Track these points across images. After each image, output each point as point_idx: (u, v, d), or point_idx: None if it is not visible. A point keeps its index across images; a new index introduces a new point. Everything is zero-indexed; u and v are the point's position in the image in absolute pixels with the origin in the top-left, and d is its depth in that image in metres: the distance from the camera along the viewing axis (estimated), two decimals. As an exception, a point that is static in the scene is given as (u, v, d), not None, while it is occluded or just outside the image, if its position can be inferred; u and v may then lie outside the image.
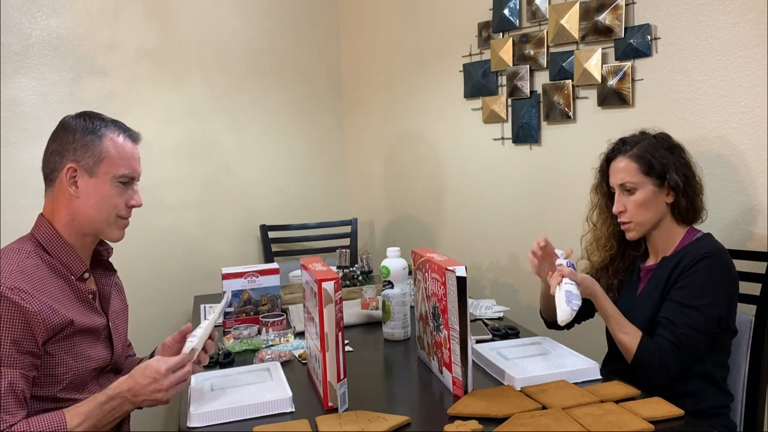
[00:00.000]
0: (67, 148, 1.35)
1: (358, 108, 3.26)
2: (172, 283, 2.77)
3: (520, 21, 2.40)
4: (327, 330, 1.30)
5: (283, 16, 3.08)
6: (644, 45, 1.97)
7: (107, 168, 1.36)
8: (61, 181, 1.35)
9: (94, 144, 1.35)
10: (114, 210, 1.38)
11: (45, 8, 2.48)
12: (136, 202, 1.42)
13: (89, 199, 1.35)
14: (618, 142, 1.65)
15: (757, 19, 1.71)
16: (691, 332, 1.46)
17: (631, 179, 1.57)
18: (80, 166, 1.34)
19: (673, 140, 1.62)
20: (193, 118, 2.85)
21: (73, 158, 1.34)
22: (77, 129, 1.36)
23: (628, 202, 1.59)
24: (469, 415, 1.24)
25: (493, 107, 2.53)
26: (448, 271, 1.35)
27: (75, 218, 1.36)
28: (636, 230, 1.61)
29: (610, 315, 1.53)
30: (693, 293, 1.49)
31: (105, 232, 1.40)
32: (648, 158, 1.56)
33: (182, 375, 1.26)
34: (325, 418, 1.27)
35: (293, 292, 2.30)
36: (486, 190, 2.65)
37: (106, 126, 1.38)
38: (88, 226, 1.37)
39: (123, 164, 1.38)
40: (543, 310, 1.79)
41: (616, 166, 1.61)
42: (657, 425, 1.19)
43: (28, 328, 1.22)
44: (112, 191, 1.37)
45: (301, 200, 3.18)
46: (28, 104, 2.47)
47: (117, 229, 1.41)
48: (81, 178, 1.35)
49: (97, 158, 1.35)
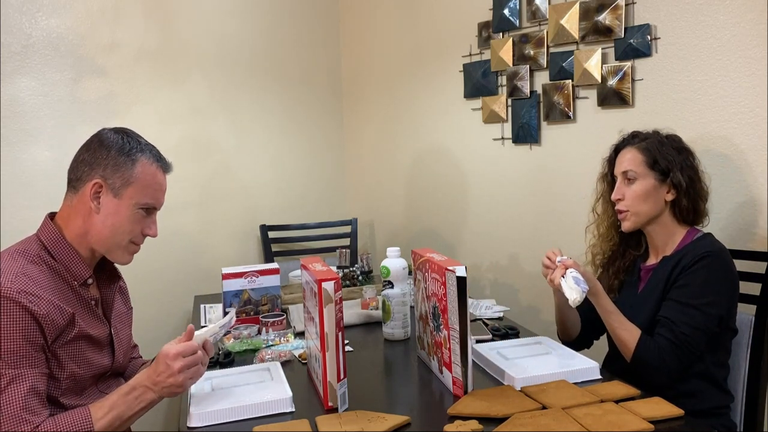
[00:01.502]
0: (99, 162, 1.34)
1: (358, 108, 3.26)
2: (172, 283, 2.77)
3: (520, 21, 2.40)
4: (327, 330, 1.30)
5: (283, 16, 3.08)
6: (644, 45, 1.97)
7: (133, 193, 1.35)
8: (84, 193, 1.34)
9: (126, 166, 1.35)
10: (129, 235, 1.38)
11: (45, 8, 2.48)
12: (152, 232, 1.42)
13: (108, 218, 1.35)
14: (629, 134, 1.67)
15: (757, 19, 1.71)
16: (691, 331, 1.46)
17: (634, 168, 1.59)
18: (107, 184, 1.34)
19: (684, 144, 1.63)
20: (193, 118, 2.85)
21: (102, 174, 1.34)
22: (113, 146, 1.35)
23: (627, 191, 1.60)
24: (469, 415, 1.24)
25: (493, 107, 2.53)
26: (448, 271, 1.35)
27: (89, 232, 1.35)
28: (630, 220, 1.61)
29: (610, 311, 1.54)
30: (693, 292, 1.49)
31: (114, 253, 1.40)
32: (654, 153, 1.58)
33: (193, 359, 1.26)
34: (325, 418, 1.27)
35: (293, 292, 2.29)
36: (486, 190, 2.65)
37: (141, 151, 1.38)
38: (99, 244, 1.37)
39: (149, 194, 1.38)
40: (560, 330, 1.78)
41: (623, 156, 1.63)
42: (657, 425, 1.18)
43: (39, 329, 1.22)
44: (132, 216, 1.36)
45: (301, 200, 3.18)
46: (28, 104, 2.47)
47: (127, 253, 1.41)
48: (105, 196, 1.34)
49: (125, 181, 1.34)
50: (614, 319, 1.53)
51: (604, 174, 1.73)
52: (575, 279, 1.47)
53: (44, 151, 2.52)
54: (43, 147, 2.52)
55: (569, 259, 1.53)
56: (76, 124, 2.56)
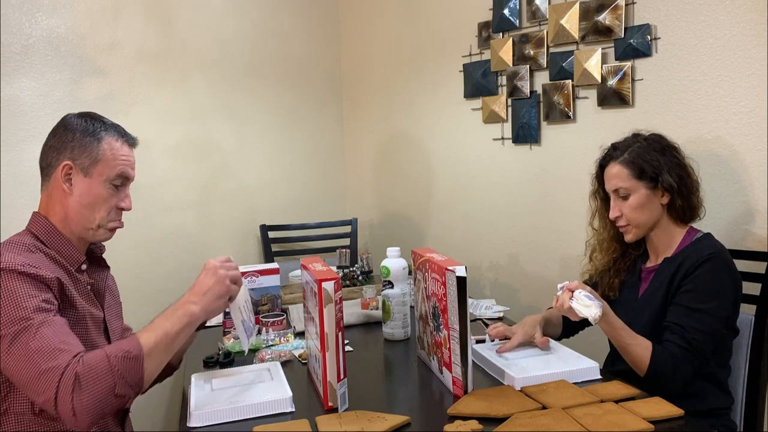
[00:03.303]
0: (66, 146, 1.38)
1: (357, 108, 3.26)
2: (172, 283, 2.76)
3: (520, 21, 2.40)
4: (327, 330, 1.30)
5: (283, 16, 3.08)
6: (644, 45, 1.98)
7: (102, 169, 1.38)
8: (56, 178, 1.37)
9: (92, 146, 1.38)
10: (105, 212, 1.40)
11: (45, 8, 2.48)
12: (126, 205, 1.44)
13: (82, 198, 1.38)
14: (609, 147, 1.65)
15: (757, 19, 1.71)
16: (702, 336, 1.45)
17: (623, 184, 1.58)
18: (76, 165, 1.37)
19: (666, 140, 1.61)
20: (193, 118, 2.84)
21: (70, 156, 1.37)
22: (77, 129, 1.39)
23: (623, 207, 1.60)
24: (469, 415, 1.24)
25: (493, 107, 2.53)
26: (448, 271, 1.35)
27: (68, 216, 1.38)
28: (634, 232, 1.61)
29: (619, 328, 1.48)
30: (700, 297, 1.48)
31: (95, 233, 1.41)
32: (639, 162, 1.56)
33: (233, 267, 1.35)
34: (325, 418, 1.27)
35: (293, 292, 2.30)
36: (486, 190, 2.65)
37: (105, 129, 1.41)
38: (80, 226, 1.39)
39: (118, 168, 1.41)
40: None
41: (609, 172, 1.62)
42: (657, 425, 1.18)
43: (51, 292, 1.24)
44: (104, 192, 1.39)
45: (301, 200, 3.18)
46: (28, 104, 2.46)
47: (107, 231, 1.43)
48: (75, 176, 1.37)
49: (93, 159, 1.38)
50: (625, 336, 1.47)
51: (595, 190, 1.72)
52: (587, 296, 1.44)
53: (44, 151, 2.52)
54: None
55: (571, 282, 1.50)
56: (76, 124, 2.56)
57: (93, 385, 1.10)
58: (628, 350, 1.48)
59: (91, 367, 1.12)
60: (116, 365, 1.13)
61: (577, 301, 1.44)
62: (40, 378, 1.11)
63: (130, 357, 1.16)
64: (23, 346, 1.14)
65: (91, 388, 1.10)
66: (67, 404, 1.08)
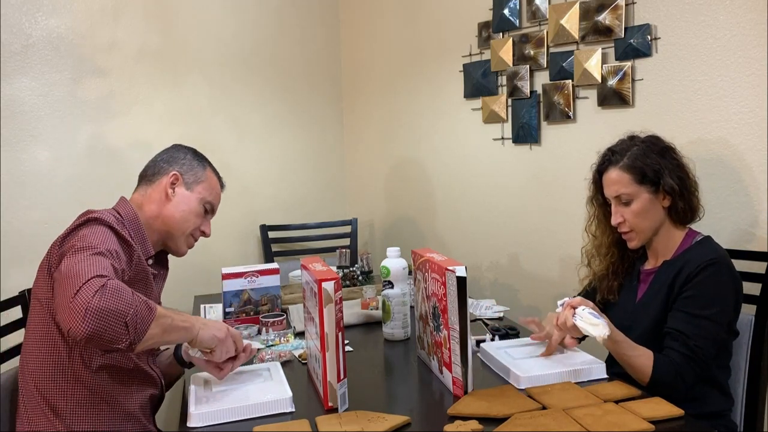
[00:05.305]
0: (177, 161, 1.61)
1: (358, 108, 3.26)
2: (172, 283, 2.75)
3: (520, 21, 2.40)
4: (327, 330, 1.30)
5: (283, 16, 3.08)
6: (644, 45, 1.97)
7: (202, 190, 1.61)
8: (161, 183, 1.57)
9: (198, 169, 1.63)
10: (192, 225, 1.60)
11: (45, 8, 2.48)
12: (207, 229, 1.66)
13: (180, 205, 1.57)
14: (607, 152, 1.62)
15: (757, 19, 1.71)
16: (704, 342, 1.44)
17: (625, 190, 1.55)
18: (182, 178, 1.59)
19: (663, 142, 1.60)
20: (193, 118, 2.84)
21: (179, 170, 1.59)
22: (188, 152, 1.64)
23: (626, 213, 1.57)
24: (469, 415, 1.24)
25: (493, 107, 2.53)
26: (448, 271, 1.35)
27: (161, 215, 1.55)
28: (638, 239, 1.60)
29: (620, 341, 1.45)
30: (702, 303, 1.46)
31: (177, 240, 1.59)
32: (640, 166, 1.54)
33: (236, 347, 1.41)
34: (325, 418, 1.27)
35: (293, 292, 2.30)
36: (486, 190, 2.65)
37: (210, 164, 1.67)
38: (168, 226, 1.55)
39: (213, 194, 1.65)
40: None
41: (609, 178, 1.59)
42: (657, 425, 1.18)
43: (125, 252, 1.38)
44: (198, 208, 1.60)
45: (302, 200, 3.18)
46: (28, 104, 2.46)
47: (185, 245, 1.62)
48: (179, 187, 1.58)
49: (197, 178, 1.61)
50: (626, 347, 1.45)
51: (593, 196, 1.69)
52: (593, 314, 1.41)
53: (44, 151, 2.52)
54: (43, 147, 2.52)
55: (572, 298, 1.48)
56: (76, 124, 2.56)
57: (115, 298, 1.16)
58: (630, 362, 1.45)
59: (121, 287, 1.20)
60: (137, 302, 1.20)
61: (582, 319, 1.42)
62: (78, 273, 1.18)
63: (148, 306, 1.22)
64: (81, 255, 1.25)
65: (112, 299, 1.16)
66: (86, 299, 1.13)
